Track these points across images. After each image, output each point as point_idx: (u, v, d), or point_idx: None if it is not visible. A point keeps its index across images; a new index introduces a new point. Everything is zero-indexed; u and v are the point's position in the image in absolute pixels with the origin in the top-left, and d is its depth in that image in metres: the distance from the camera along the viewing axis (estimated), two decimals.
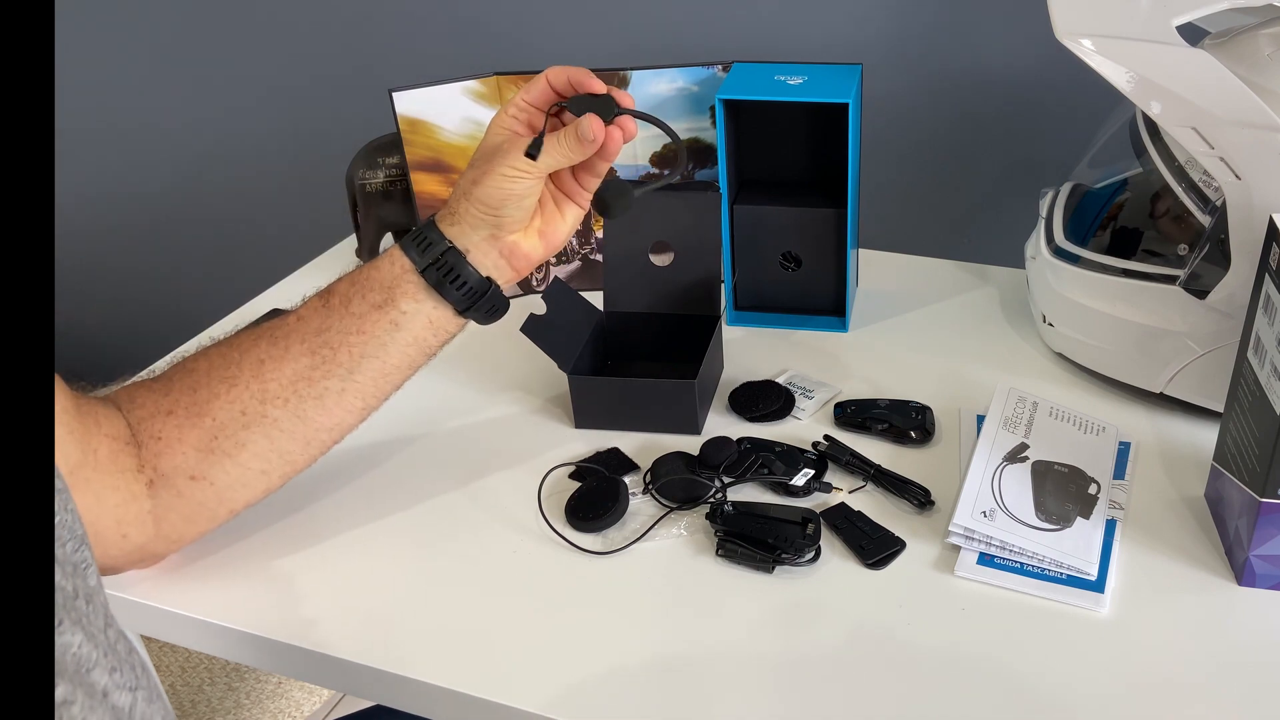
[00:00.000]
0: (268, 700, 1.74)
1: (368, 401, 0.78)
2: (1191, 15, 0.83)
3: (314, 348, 0.75)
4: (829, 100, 0.94)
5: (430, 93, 1.02)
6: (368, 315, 0.75)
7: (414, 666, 0.72)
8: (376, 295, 0.76)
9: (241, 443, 0.74)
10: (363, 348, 0.75)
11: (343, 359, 0.75)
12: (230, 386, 0.74)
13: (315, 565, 0.81)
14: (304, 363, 0.75)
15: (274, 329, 0.76)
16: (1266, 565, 0.73)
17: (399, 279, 0.76)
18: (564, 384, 0.93)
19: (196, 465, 0.73)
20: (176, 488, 0.73)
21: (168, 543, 0.76)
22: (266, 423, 0.74)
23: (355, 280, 0.77)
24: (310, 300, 0.77)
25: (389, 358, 0.76)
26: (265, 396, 0.74)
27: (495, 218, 0.76)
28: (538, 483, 0.86)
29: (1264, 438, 0.70)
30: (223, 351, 0.76)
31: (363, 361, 0.75)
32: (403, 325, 0.76)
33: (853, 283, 1.05)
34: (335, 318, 0.75)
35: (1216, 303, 0.83)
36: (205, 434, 0.73)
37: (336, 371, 0.75)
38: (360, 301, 0.76)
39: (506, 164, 0.75)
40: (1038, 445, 0.85)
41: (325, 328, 0.75)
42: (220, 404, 0.74)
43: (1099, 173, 0.99)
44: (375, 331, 0.75)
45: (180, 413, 0.73)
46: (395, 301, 0.76)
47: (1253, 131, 0.75)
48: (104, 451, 0.71)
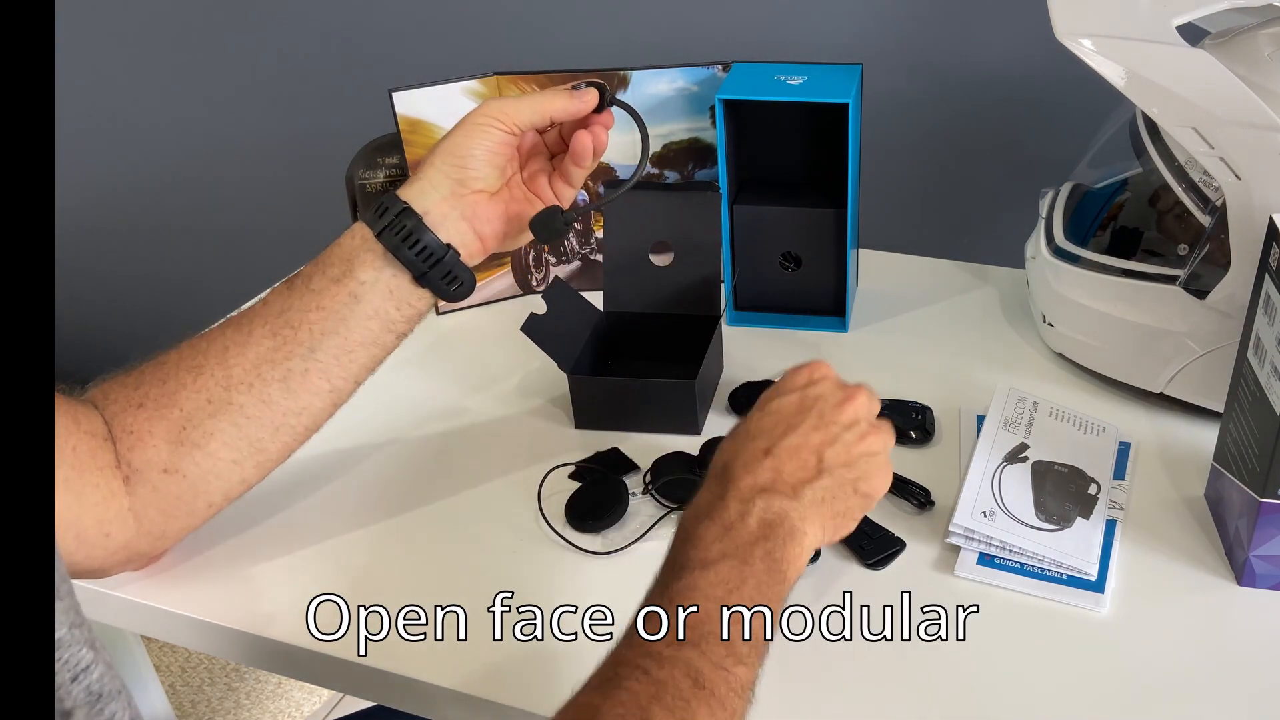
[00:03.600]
0: (268, 700, 1.74)
1: (333, 383, 0.75)
2: (1191, 15, 0.83)
3: (275, 329, 0.74)
4: (829, 100, 0.94)
5: (430, 93, 1.02)
6: (327, 290, 0.74)
7: (414, 666, 0.72)
8: (336, 269, 0.74)
9: (209, 432, 0.73)
10: (322, 324, 0.74)
11: (303, 337, 0.73)
12: (197, 375, 0.73)
13: (315, 565, 0.81)
14: (266, 345, 0.73)
15: (241, 315, 0.75)
16: (1266, 565, 0.73)
17: (357, 250, 0.74)
18: (564, 384, 0.93)
19: (168, 458, 0.72)
20: (151, 482, 0.72)
21: (151, 540, 0.75)
22: (233, 409, 0.73)
23: (318, 259, 0.75)
24: (277, 286, 0.76)
25: (350, 333, 0.74)
26: (230, 383, 0.73)
27: (460, 169, 0.75)
28: (537, 483, 0.86)
29: (1264, 438, 0.70)
30: (193, 342, 0.75)
31: (323, 339, 0.74)
32: (362, 297, 0.74)
33: (853, 283, 1.05)
34: (296, 296, 0.74)
35: (1216, 303, 0.83)
36: (174, 426, 0.72)
37: (298, 351, 0.74)
38: (320, 277, 0.74)
39: (480, 112, 0.75)
40: (1038, 445, 0.85)
41: (287, 307, 0.74)
42: (187, 394, 0.72)
43: (1099, 173, 0.99)
44: (334, 306, 0.74)
45: (150, 405, 0.72)
46: (354, 273, 0.74)
47: (1253, 131, 0.75)
48: (83, 449, 0.70)
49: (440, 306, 1.10)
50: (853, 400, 0.69)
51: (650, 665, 0.56)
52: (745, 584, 0.60)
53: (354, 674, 0.73)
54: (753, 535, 0.62)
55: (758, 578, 0.61)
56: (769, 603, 0.61)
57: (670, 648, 0.57)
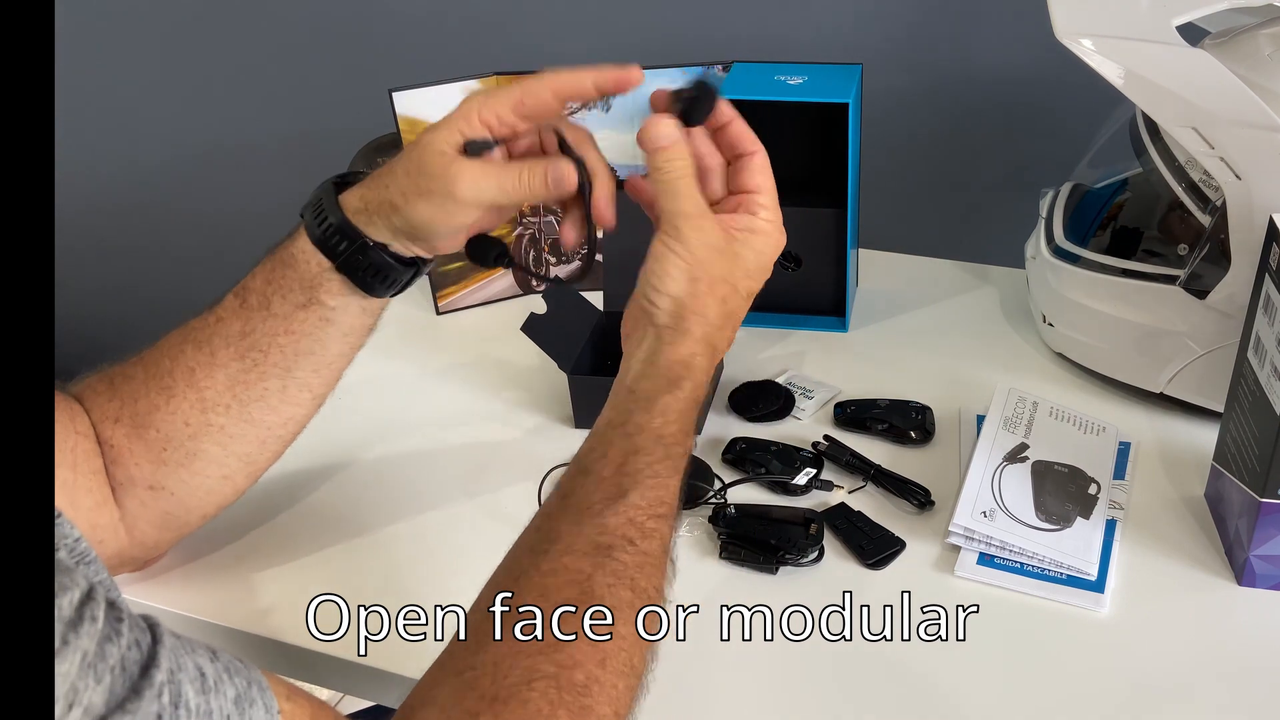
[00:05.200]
0: None
1: (315, 391, 0.74)
2: (1191, 15, 0.83)
3: (241, 351, 0.71)
4: (829, 100, 0.94)
5: (430, 93, 1.02)
6: (293, 315, 0.70)
7: (414, 666, 0.72)
8: (298, 295, 0.70)
9: (192, 453, 0.71)
10: (294, 347, 0.71)
11: (275, 359, 0.71)
12: (169, 398, 0.71)
13: (315, 565, 0.81)
14: (234, 367, 0.71)
15: (196, 332, 0.72)
16: (1266, 565, 0.73)
17: (317, 277, 0.70)
18: (564, 384, 0.93)
19: (152, 476, 0.71)
20: (139, 497, 0.71)
21: (144, 549, 0.74)
22: (214, 430, 0.71)
23: (271, 279, 0.71)
24: (227, 299, 0.72)
25: (326, 350, 0.72)
26: (205, 405, 0.71)
27: (423, 239, 0.70)
28: (537, 483, 0.86)
29: (1264, 438, 0.70)
30: (155, 359, 0.72)
31: (298, 359, 0.72)
32: (334, 320, 0.71)
33: (853, 283, 1.05)
34: (257, 320, 0.71)
35: (1216, 303, 0.83)
36: (153, 446, 0.71)
37: (272, 372, 0.71)
38: (281, 302, 0.70)
39: (443, 197, 0.67)
40: (1038, 445, 0.85)
41: (248, 330, 0.71)
42: (161, 415, 0.70)
43: (1099, 173, 0.99)
44: (305, 330, 0.71)
45: (126, 422, 0.71)
46: (319, 299, 0.70)
47: (1253, 131, 0.75)
48: (80, 451, 0.69)
49: (440, 306, 1.10)
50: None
51: (636, 536, 0.59)
52: (669, 412, 0.64)
53: (354, 674, 0.73)
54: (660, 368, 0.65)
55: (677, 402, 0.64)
56: (689, 428, 0.65)
57: (652, 520, 0.61)
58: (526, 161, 0.69)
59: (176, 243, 1.96)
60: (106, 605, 0.42)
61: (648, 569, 0.59)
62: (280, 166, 1.79)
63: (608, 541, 0.59)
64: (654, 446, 0.62)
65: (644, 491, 0.61)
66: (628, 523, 0.60)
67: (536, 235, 1.11)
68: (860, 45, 1.34)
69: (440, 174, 0.67)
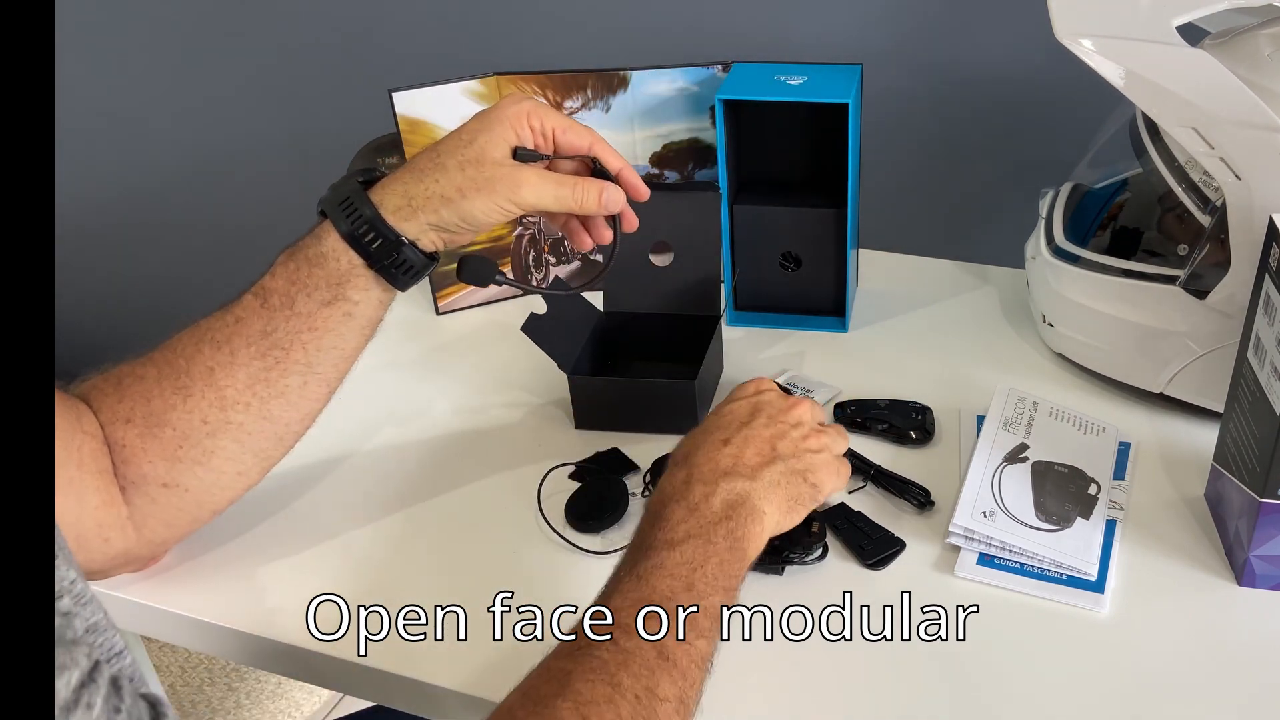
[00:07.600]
0: (268, 700, 1.74)
1: (331, 385, 0.76)
2: (1191, 15, 0.83)
3: (262, 350, 0.72)
4: (829, 100, 0.94)
5: (430, 93, 1.02)
6: (317, 314, 0.73)
7: (414, 666, 0.72)
8: (324, 293, 0.73)
9: (210, 450, 0.72)
10: (317, 343, 0.73)
11: (298, 356, 0.73)
12: (186, 397, 0.72)
13: (315, 565, 0.81)
14: (255, 366, 0.72)
15: (214, 332, 0.73)
16: (1266, 565, 0.73)
17: (346, 274, 0.73)
18: (564, 384, 0.93)
19: (166, 473, 0.72)
20: (150, 495, 0.72)
21: (152, 547, 0.75)
22: (232, 428, 0.72)
23: (295, 279, 0.73)
24: (245, 299, 0.74)
25: (347, 344, 0.75)
26: (224, 404, 0.72)
27: (463, 235, 0.75)
28: (537, 483, 0.86)
29: (1264, 438, 0.70)
30: (168, 359, 0.73)
31: (319, 355, 0.74)
32: (356, 314, 0.74)
33: (853, 283, 1.05)
34: (280, 319, 0.72)
35: (1216, 303, 0.83)
36: (168, 444, 0.71)
37: (294, 369, 0.73)
38: (306, 300, 0.72)
39: (505, 197, 0.73)
40: (1038, 445, 0.85)
41: (270, 330, 0.72)
42: (178, 414, 0.71)
43: (1099, 173, 0.99)
44: (329, 326, 0.73)
45: (139, 422, 0.71)
46: (346, 295, 0.73)
47: (1253, 131, 0.75)
48: (87, 450, 0.69)
49: (440, 306, 1.10)
50: (797, 405, 0.75)
51: (619, 635, 0.60)
52: (709, 562, 0.65)
53: (354, 674, 0.73)
54: (716, 515, 0.67)
55: (720, 555, 0.65)
56: (730, 579, 0.65)
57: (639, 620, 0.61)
58: (581, 178, 0.77)
59: (176, 242, 1.96)
60: (109, 686, 0.42)
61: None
62: (280, 166, 1.79)
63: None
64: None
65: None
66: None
67: (536, 235, 1.11)
68: (860, 45, 1.34)
69: (506, 176, 0.73)
